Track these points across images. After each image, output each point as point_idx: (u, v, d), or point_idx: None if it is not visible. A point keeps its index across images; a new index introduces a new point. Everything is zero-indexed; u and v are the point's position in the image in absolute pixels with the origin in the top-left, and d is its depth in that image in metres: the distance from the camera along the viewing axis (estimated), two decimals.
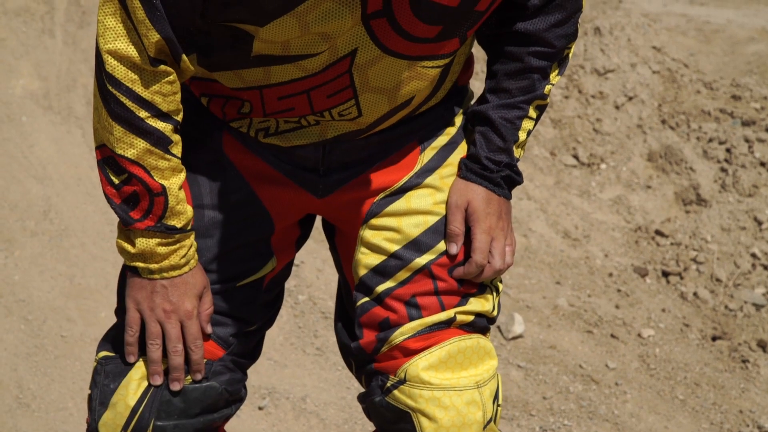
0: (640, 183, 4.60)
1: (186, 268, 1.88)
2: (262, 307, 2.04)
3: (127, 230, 1.87)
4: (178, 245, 1.87)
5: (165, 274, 1.88)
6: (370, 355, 2.02)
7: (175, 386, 1.92)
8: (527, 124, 2.00)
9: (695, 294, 4.19)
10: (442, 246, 1.99)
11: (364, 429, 3.31)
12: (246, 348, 2.04)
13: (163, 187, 1.84)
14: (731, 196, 4.53)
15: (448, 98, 2.02)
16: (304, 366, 3.55)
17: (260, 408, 3.33)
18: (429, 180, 1.99)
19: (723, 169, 4.60)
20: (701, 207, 4.51)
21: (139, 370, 1.94)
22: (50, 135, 4.32)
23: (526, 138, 2.01)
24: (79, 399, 3.28)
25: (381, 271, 1.98)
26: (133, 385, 1.94)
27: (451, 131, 2.02)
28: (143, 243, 1.86)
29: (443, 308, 2.00)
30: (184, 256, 1.88)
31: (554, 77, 2.04)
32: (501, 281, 2.10)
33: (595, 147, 4.68)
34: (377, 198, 1.97)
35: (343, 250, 2.05)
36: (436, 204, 1.98)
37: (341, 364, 3.58)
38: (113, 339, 1.98)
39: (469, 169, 1.99)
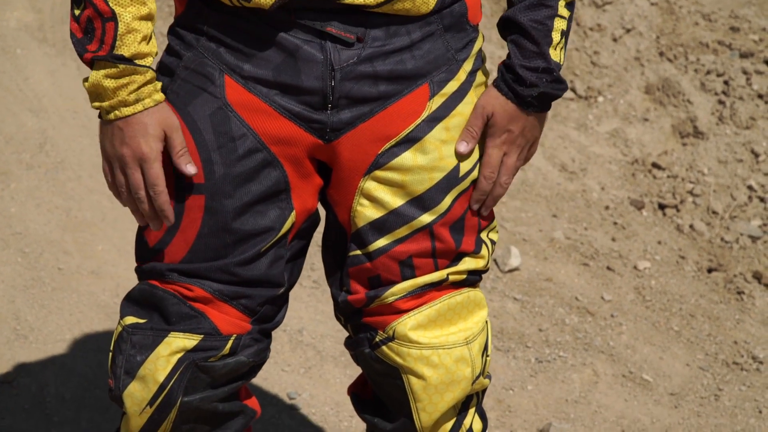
0: (637, 116, 4.59)
1: (139, 106, 1.82)
2: (289, 266, 1.99)
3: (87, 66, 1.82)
4: (127, 79, 1.80)
5: (117, 113, 1.82)
6: (358, 310, 2.01)
7: (158, 225, 1.90)
8: (559, 24, 1.90)
9: (691, 226, 4.20)
10: (445, 204, 1.93)
11: None
12: (273, 312, 2.01)
13: (113, 12, 1.78)
14: (728, 128, 4.52)
15: (458, 34, 1.94)
16: (301, 299, 3.56)
17: None
18: (436, 132, 1.92)
19: (720, 102, 4.59)
20: (698, 139, 4.50)
21: (167, 346, 1.91)
22: (45, 67, 4.30)
23: (563, 40, 1.91)
24: (76, 331, 3.29)
25: (379, 227, 1.93)
26: (162, 362, 1.91)
27: (461, 77, 1.94)
28: (93, 77, 1.81)
29: (437, 268, 1.97)
30: (134, 91, 1.81)
31: None
32: (497, 231, 2.07)
33: (593, 80, 4.66)
34: (383, 148, 1.90)
35: (340, 196, 1.97)
36: (443, 159, 1.92)
37: None
38: (139, 302, 1.95)
39: (502, 79, 1.92)
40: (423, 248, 1.95)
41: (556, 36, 1.91)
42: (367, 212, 1.94)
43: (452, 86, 1.93)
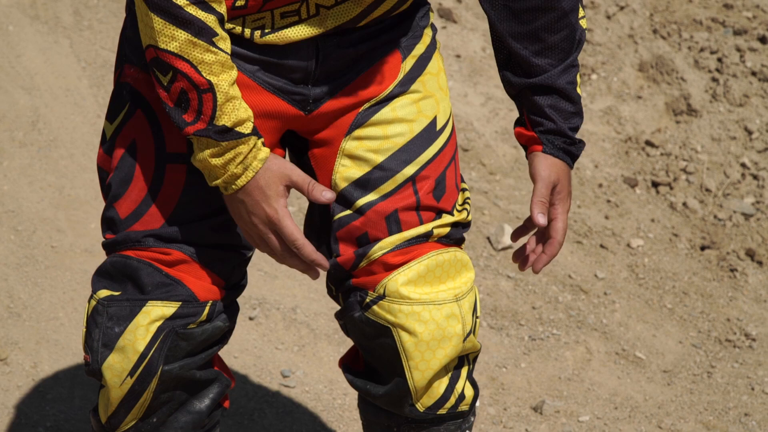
0: (630, 93, 4.58)
1: (250, 173, 1.83)
2: None
3: (189, 138, 1.82)
4: (232, 153, 1.81)
5: (233, 186, 1.84)
6: (347, 272, 2.02)
7: (314, 275, 1.94)
8: (579, 78, 2.02)
9: (684, 204, 4.20)
10: (428, 154, 1.98)
11: None
12: (240, 276, 2.03)
13: (210, 83, 1.77)
14: (722, 105, 4.52)
15: (415, 10, 2.01)
16: (294, 277, 3.56)
17: (251, 318, 3.35)
18: (413, 87, 1.98)
19: (714, 79, 4.59)
20: (692, 117, 4.50)
21: (146, 315, 1.92)
22: (37, 45, 4.29)
23: None
24: (69, 309, 3.29)
25: (363, 184, 1.96)
26: (142, 331, 1.92)
27: (426, 41, 2.01)
28: (200, 156, 1.82)
29: (421, 222, 1.99)
30: (240, 163, 1.81)
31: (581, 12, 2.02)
32: (467, 188, 2.11)
33: (586, 57, 4.65)
34: (362, 108, 1.96)
35: (320, 162, 2.00)
36: (421, 112, 1.98)
37: None
38: (111, 275, 1.95)
39: (555, 146, 2.00)
40: (408, 202, 1.98)
41: (579, 91, 2.02)
42: (349, 172, 1.97)
43: (420, 49, 2.01)
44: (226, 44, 1.79)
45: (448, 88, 2.07)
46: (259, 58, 1.89)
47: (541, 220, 1.99)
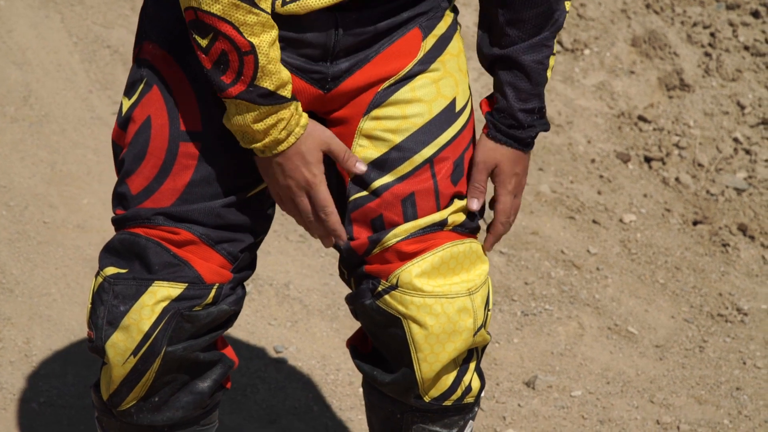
0: (623, 68, 4.58)
1: (292, 139, 1.84)
2: (268, 216, 2.01)
3: (225, 101, 1.82)
4: (274, 118, 1.81)
5: (274, 151, 1.84)
6: (360, 257, 2.01)
7: (330, 243, 1.97)
8: (552, 61, 1.97)
9: (677, 179, 4.20)
10: (447, 136, 1.97)
11: (347, 314, 3.34)
12: (250, 261, 2.02)
13: (252, 45, 1.77)
14: (714, 80, 4.51)
15: None
16: (287, 253, 3.56)
17: None
18: (433, 67, 1.96)
19: (707, 54, 4.58)
20: (684, 92, 4.50)
21: (152, 295, 1.91)
22: (29, 20, 4.27)
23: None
24: (62, 285, 3.28)
25: (380, 165, 1.94)
26: (147, 311, 1.91)
27: (447, 21, 1.99)
28: (239, 121, 1.82)
29: (438, 208, 1.98)
30: (284, 128, 1.82)
31: None
32: None
33: (579, 32, 4.65)
34: (382, 87, 1.93)
35: None
36: (440, 93, 1.96)
37: (324, 251, 3.60)
38: (119, 252, 1.94)
39: (498, 129, 1.97)
40: (425, 185, 1.96)
41: (548, 74, 1.97)
42: (367, 152, 1.95)
43: (441, 28, 1.98)
44: (266, 3, 1.78)
45: (467, 71, 2.04)
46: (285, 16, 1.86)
47: (473, 205, 1.99)
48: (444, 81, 1.97)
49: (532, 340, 3.41)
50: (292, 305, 3.37)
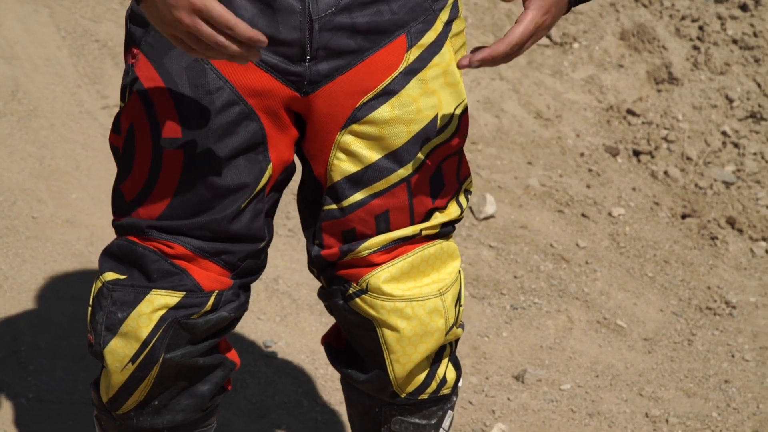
0: (612, 62, 4.58)
1: None
2: (269, 219, 1.98)
3: None
4: None
5: None
6: (330, 263, 2.00)
7: (255, 54, 1.72)
8: None
9: (666, 172, 4.21)
10: (422, 155, 1.91)
11: None
12: (255, 266, 1.99)
13: None
14: (703, 74, 4.52)
15: None
16: (276, 247, 3.56)
17: None
18: (413, 84, 1.89)
19: (695, 47, 4.59)
20: (673, 86, 4.51)
21: (149, 303, 1.89)
22: (17, 14, 4.26)
23: None
24: (51, 280, 3.28)
25: (356, 180, 1.92)
26: (144, 319, 1.89)
27: (438, 27, 1.91)
28: None
29: (412, 223, 1.96)
30: None
31: None
32: (471, 180, 2.07)
33: (568, 26, 4.65)
34: (361, 101, 1.88)
35: (316, 150, 1.95)
36: (420, 111, 1.90)
37: None
38: (118, 257, 1.93)
39: None
40: (400, 203, 1.94)
41: None
42: (343, 166, 1.92)
43: (429, 37, 1.91)
44: None
45: (459, 79, 1.95)
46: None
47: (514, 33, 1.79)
48: (425, 99, 1.91)
49: (521, 333, 3.41)
50: (282, 300, 3.37)
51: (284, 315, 3.32)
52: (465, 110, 1.98)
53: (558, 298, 3.56)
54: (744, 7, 4.67)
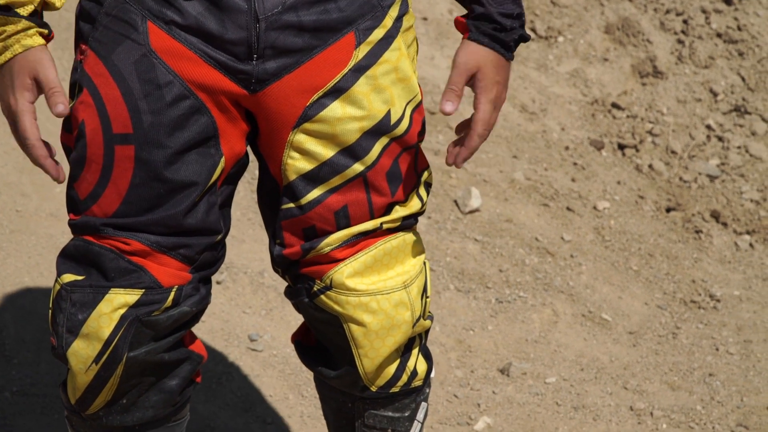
0: (597, 56, 4.59)
1: (8, 54, 1.77)
2: (222, 212, 1.97)
3: None
4: None
5: None
6: (294, 262, 2.00)
7: (52, 176, 1.86)
8: None
9: (650, 166, 4.21)
10: (377, 149, 1.92)
11: None
12: (213, 258, 1.98)
13: None
14: (687, 68, 4.53)
15: None
16: (262, 241, 3.55)
17: (218, 282, 3.35)
18: (363, 81, 1.89)
19: (680, 41, 4.60)
20: (658, 79, 4.51)
21: (108, 303, 1.88)
22: None
23: None
24: (35, 273, 3.27)
25: (312, 178, 1.92)
26: (105, 319, 1.88)
27: (387, 24, 1.91)
28: None
29: (372, 217, 1.95)
30: (1, 41, 1.76)
31: None
32: (431, 173, 2.06)
33: (553, 20, 4.65)
34: (311, 100, 1.88)
35: (269, 150, 1.95)
36: (372, 107, 1.90)
37: None
38: (75, 258, 1.92)
39: (480, 31, 1.89)
40: (358, 198, 1.94)
41: None
42: (298, 165, 1.92)
43: (378, 33, 1.90)
44: None
45: (413, 72, 1.96)
46: (198, 27, 1.81)
47: (447, 107, 1.87)
48: (376, 95, 1.90)
49: (506, 327, 3.42)
50: (267, 293, 3.37)
51: (270, 309, 3.32)
52: (418, 105, 1.97)
53: (543, 292, 3.57)
54: (728, 1, 4.68)
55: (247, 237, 3.56)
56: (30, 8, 1.77)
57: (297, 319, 3.30)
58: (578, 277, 3.66)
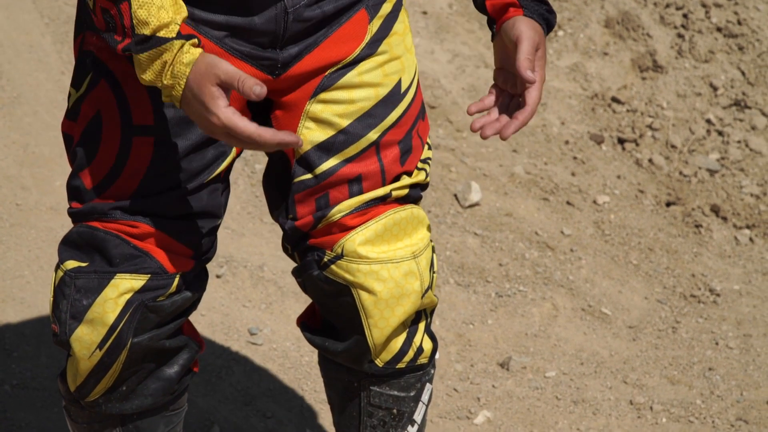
0: (597, 50, 4.58)
1: (182, 80, 1.69)
2: (223, 197, 1.99)
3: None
4: (158, 64, 1.69)
5: (177, 102, 1.72)
6: (305, 234, 2.01)
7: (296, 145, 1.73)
8: None
9: (650, 160, 4.21)
10: (392, 118, 1.98)
11: None
12: (209, 245, 2.00)
13: None
14: (687, 62, 4.53)
15: None
16: (262, 235, 3.55)
17: (218, 276, 3.35)
18: (378, 51, 1.96)
19: (680, 35, 4.59)
20: (657, 73, 4.51)
21: (114, 288, 1.89)
22: (0, 1, 4.24)
23: None
24: (35, 267, 3.27)
25: (327, 147, 1.95)
26: (110, 304, 1.89)
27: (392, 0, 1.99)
28: (139, 75, 1.72)
29: (384, 184, 1.98)
30: (168, 72, 1.69)
31: None
32: (431, 148, 2.10)
33: None
34: (329, 71, 1.93)
35: (284, 122, 1.96)
36: (386, 75, 1.97)
37: None
38: (79, 245, 1.92)
39: (535, 11, 1.93)
40: (372, 167, 1.98)
41: None
42: (313, 135, 1.95)
43: (386, 7, 1.97)
44: None
45: (413, 45, 2.05)
46: (225, 23, 1.84)
47: (531, 75, 1.88)
48: (390, 64, 1.97)
49: (506, 321, 3.42)
50: (267, 287, 3.37)
51: (269, 302, 3.32)
52: (418, 76, 2.05)
53: (543, 286, 3.57)
54: None
55: (247, 231, 3.56)
56: (175, 28, 1.69)
57: (297, 313, 3.30)
58: (578, 272, 3.66)
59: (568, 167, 4.12)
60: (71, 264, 1.92)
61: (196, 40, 1.72)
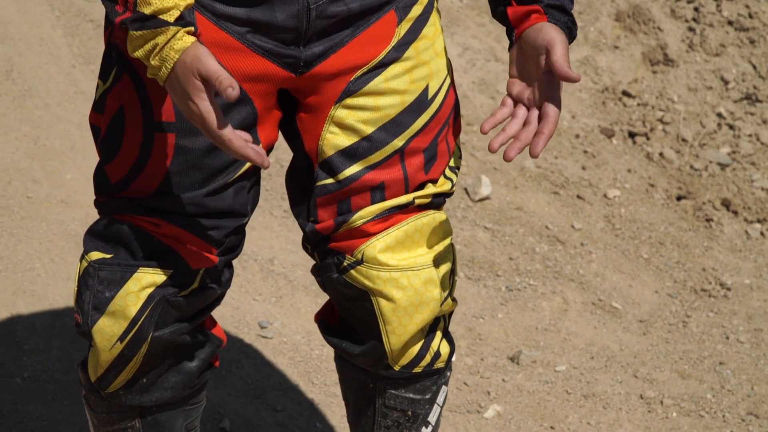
0: (607, 43, 4.58)
1: (169, 64, 1.69)
2: (250, 195, 1.98)
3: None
4: (150, 45, 1.69)
5: (162, 83, 1.73)
6: (326, 236, 2.01)
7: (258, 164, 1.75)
8: None
9: (661, 154, 4.21)
10: (417, 125, 1.95)
11: None
12: (237, 242, 2.00)
13: None
14: (698, 55, 4.52)
15: None
16: (272, 228, 3.56)
17: None
18: (406, 55, 1.92)
19: (691, 29, 4.58)
20: (668, 67, 4.50)
21: (137, 282, 1.90)
22: None
23: None
24: (46, 260, 3.28)
25: (351, 154, 1.93)
26: (132, 298, 1.90)
27: (423, 1, 1.95)
28: (129, 50, 1.72)
29: (406, 192, 1.97)
30: (157, 54, 1.70)
31: None
32: (461, 157, 2.08)
33: None
34: (354, 75, 1.91)
35: (309, 125, 1.95)
36: (413, 82, 1.93)
37: None
38: (104, 237, 1.93)
39: (558, 20, 1.90)
40: (394, 174, 1.96)
41: None
42: (337, 140, 1.93)
43: (417, 10, 1.94)
44: None
45: (444, 49, 2.00)
46: (247, 18, 1.83)
47: (574, 74, 1.85)
48: (417, 69, 1.94)
49: (516, 315, 3.42)
50: (277, 281, 3.37)
51: (280, 296, 3.32)
52: (451, 81, 2.01)
53: (553, 280, 3.57)
54: None
55: (257, 224, 3.56)
56: (176, 14, 1.70)
57: (307, 307, 3.30)
58: (588, 266, 3.66)
59: (578, 161, 4.12)
60: (95, 255, 1.92)
61: (192, 29, 1.72)
